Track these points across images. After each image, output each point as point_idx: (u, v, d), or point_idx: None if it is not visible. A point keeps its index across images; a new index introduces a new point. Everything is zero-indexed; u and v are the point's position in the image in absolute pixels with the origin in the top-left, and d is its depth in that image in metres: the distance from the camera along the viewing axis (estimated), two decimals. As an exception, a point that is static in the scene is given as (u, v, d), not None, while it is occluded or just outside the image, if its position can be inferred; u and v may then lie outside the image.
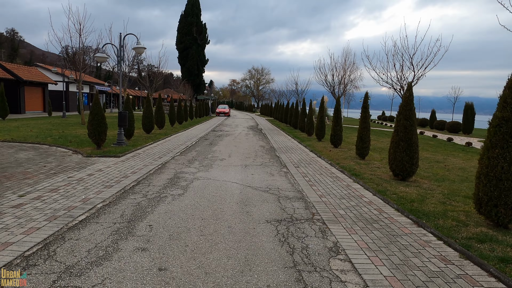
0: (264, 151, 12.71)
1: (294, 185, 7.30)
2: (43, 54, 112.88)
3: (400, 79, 18.16)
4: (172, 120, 21.42)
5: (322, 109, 16.42)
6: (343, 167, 9.44)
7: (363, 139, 10.66)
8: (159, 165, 8.91)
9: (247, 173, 8.28)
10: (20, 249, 3.64)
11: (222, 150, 12.37)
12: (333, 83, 29.62)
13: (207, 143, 14.42)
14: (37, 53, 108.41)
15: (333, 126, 13.62)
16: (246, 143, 15.01)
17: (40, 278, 3.10)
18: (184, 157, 10.47)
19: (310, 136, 18.55)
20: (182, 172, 8.14)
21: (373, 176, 8.27)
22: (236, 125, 27.55)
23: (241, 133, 19.83)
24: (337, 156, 11.39)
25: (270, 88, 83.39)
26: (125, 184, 6.66)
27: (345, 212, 5.51)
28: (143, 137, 14.79)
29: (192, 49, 62.35)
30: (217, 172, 8.31)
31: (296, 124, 24.39)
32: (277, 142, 15.82)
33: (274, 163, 10.12)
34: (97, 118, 10.46)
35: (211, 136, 17.55)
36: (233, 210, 5.30)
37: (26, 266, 3.32)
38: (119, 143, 11.64)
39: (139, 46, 11.35)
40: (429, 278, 3.42)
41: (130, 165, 8.69)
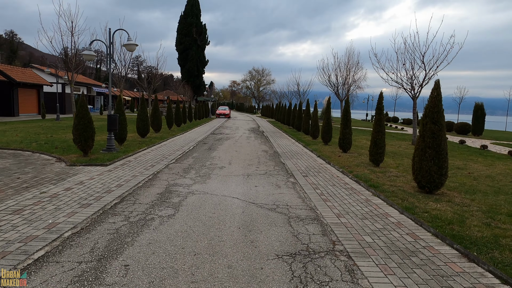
0: (268, 156, 11.67)
1: (305, 201, 6.26)
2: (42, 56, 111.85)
3: (410, 79, 17.18)
4: (169, 122, 20.40)
5: (328, 111, 15.36)
6: (357, 176, 8.40)
7: (377, 144, 9.62)
8: (150, 175, 7.87)
9: (250, 185, 7.24)
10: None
11: (221, 156, 11.33)
12: (337, 84, 28.65)
13: (206, 147, 13.38)
14: (36, 55, 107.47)
15: (341, 129, 12.58)
16: (247, 147, 13.98)
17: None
18: (180, 165, 9.43)
19: (315, 139, 17.51)
20: (176, 184, 7.10)
21: (394, 187, 7.22)
22: (236, 127, 26.53)
23: (242, 136, 18.80)
24: (348, 163, 10.35)
25: (271, 89, 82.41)
26: (106, 201, 5.62)
27: (372, 239, 4.47)
28: (137, 141, 13.76)
29: (192, 50, 61.42)
30: (216, 184, 7.27)
31: (299, 126, 23.36)
32: (280, 146, 14.78)
33: (279, 171, 9.08)
34: (83, 122, 9.44)
35: (210, 139, 16.52)
36: (234, 239, 4.26)
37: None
38: (108, 149, 10.62)
39: (130, 42, 10.33)
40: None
41: (117, 175, 7.65)
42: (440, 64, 16.10)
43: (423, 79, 17.00)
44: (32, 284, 3.05)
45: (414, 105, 17.68)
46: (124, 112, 12.18)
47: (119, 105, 12.12)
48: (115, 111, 12.07)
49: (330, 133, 15.26)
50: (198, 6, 62.80)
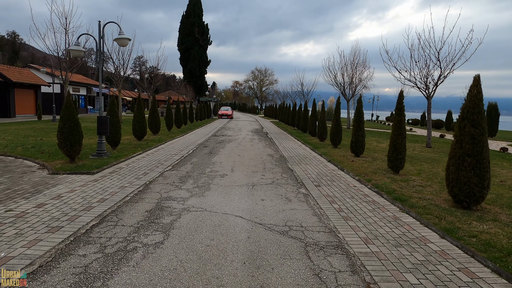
0: (274, 161, 10.65)
1: (322, 219, 5.24)
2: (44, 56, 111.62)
3: (425, 77, 16.09)
4: (169, 124, 19.42)
5: (337, 112, 14.33)
6: (377, 186, 7.36)
7: (397, 148, 8.58)
8: (141, 186, 6.87)
9: (256, 198, 6.23)
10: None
11: (223, 161, 10.32)
12: (343, 83, 27.57)
13: (206, 151, 12.38)
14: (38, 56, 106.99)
15: (354, 131, 11.54)
16: (251, 151, 12.96)
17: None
18: (176, 172, 8.44)
19: (323, 142, 16.48)
20: (169, 198, 6.10)
21: (424, 201, 6.19)
22: (239, 128, 25.52)
23: (245, 138, 17.79)
24: (363, 169, 9.32)
25: (273, 89, 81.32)
26: (81, 223, 4.62)
27: (416, 278, 3.44)
28: (132, 145, 12.78)
29: (194, 50, 60.49)
30: (216, 197, 6.26)
31: (305, 127, 22.33)
32: (286, 149, 13.76)
33: (288, 179, 8.07)
34: (69, 125, 8.47)
35: (211, 142, 15.52)
36: (238, 282, 3.24)
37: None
38: (99, 154, 9.64)
39: (122, 37, 9.34)
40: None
41: (103, 186, 6.66)
42: (457, 61, 15.08)
43: (438, 77, 15.96)
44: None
45: (429, 105, 16.60)
46: (117, 113, 11.22)
47: (111, 105, 11.15)
48: (108, 112, 11.11)
49: (340, 135, 14.22)
50: (200, 5, 61.88)
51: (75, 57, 9.06)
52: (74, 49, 9.28)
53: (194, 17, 60.65)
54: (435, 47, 15.20)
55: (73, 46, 9.33)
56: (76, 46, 9.33)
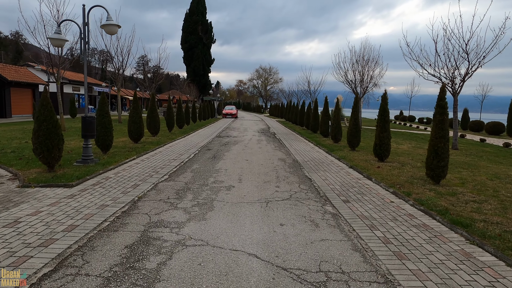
0: (287, 167, 9.22)
1: (367, 257, 3.80)
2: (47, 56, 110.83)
3: (452, 71, 14.54)
4: (169, 124, 18.03)
5: (356, 110, 12.85)
6: (421, 202, 5.90)
7: (439, 154, 7.10)
8: (127, 204, 5.48)
9: (273, 222, 4.81)
10: None
11: (229, 168, 8.91)
12: (354, 80, 26.01)
13: (210, 155, 10.97)
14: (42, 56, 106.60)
15: (378, 132, 10.07)
16: (260, 154, 11.53)
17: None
18: (173, 183, 7.03)
19: (337, 143, 15.00)
20: (160, 223, 4.69)
21: (493, 226, 4.71)
22: (244, 128, 24.09)
23: (252, 140, 16.36)
24: (394, 178, 7.85)
25: (278, 88, 79.73)
26: (29, 270, 3.22)
27: None
28: (127, 148, 11.41)
29: (197, 49, 59.17)
30: (221, 220, 4.85)
31: (315, 127, 20.85)
32: (299, 153, 12.31)
33: (308, 192, 6.63)
34: (45, 127, 7.10)
35: (215, 144, 14.10)
36: None
37: None
38: (84, 160, 8.28)
39: (110, 23, 7.94)
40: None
41: (78, 206, 5.28)
42: (488, 53, 13.52)
43: (465, 72, 14.40)
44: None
45: (455, 103, 15.04)
46: (108, 112, 9.84)
47: (102, 104, 9.79)
48: (98, 111, 9.74)
49: (359, 137, 12.73)
50: (204, 3, 60.52)
51: (55, 46, 7.67)
52: (54, 37, 7.91)
53: (198, 15, 59.31)
54: (463, 38, 13.65)
55: (53, 35, 7.95)
56: (57, 35, 7.96)
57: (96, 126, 9.60)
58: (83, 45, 8.08)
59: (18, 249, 3.67)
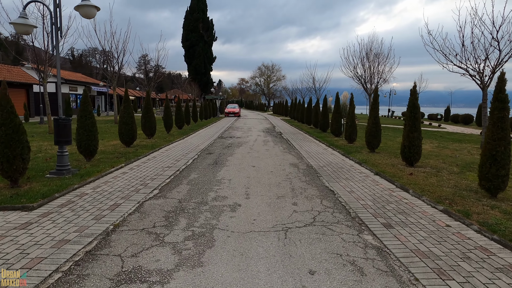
0: (301, 175, 7.76)
1: None
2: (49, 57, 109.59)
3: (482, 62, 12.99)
4: (167, 125, 16.58)
5: (375, 107, 11.36)
6: (490, 227, 4.43)
7: (498, 160, 5.61)
8: (96, 238, 4.03)
9: (298, 271, 3.35)
10: None
11: (233, 177, 7.45)
12: (364, 76, 24.42)
13: (210, 161, 9.53)
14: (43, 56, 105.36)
15: (407, 132, 8.58)
16: (268, 158, 10.08)
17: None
18: (163, 201, 5.59)
19: (352, 144, 13.52)
20: (135, 274, 3.23)
21: None
22: (248, 128, 22.63)
23: (257, 141, 14.90)
24: (436, 189, 6.37)
25: (281, 86, 78.10)
26: None
27: None
28: (116, 153, 9.99)
29: (198, 47, 57.68)
30: (224, 268, 3.39)
31: (324, 125, 19.36)
32: (311, 156, 10.84)
33: (335, 212, 5.17)
34: (3, 133, 5.68)
35: (217, 147, 12.66)
36: None
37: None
38: (59, 171, 6.85)
39: (85, 3, 6.49)
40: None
41: (29, 242, 3.84)
42: (524, 41, 11.93)
43: (495, 63, 12.85)
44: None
45: (485, 97, 13.43)
46: (91, 112, 8.40)
47: (84, 104, 8.35)
48: (80, 112, 8.32)
49: (379, 137, 11.24)
50: (205, 1, 58.97)
51: (21, 33, 6.24)
52: (18, 22, 6.47)
53: (199, 12, 57.80)
54: (494, 25, 12.08)
55: (18, 19, 6.51)
56: (22, 19, 6.52)
57: (78, 129, 8.23)
58: (55, 32, 6.64)
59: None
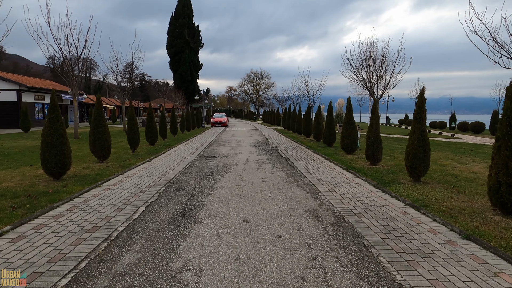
0: (335, 245, 4.12)
1: None
2: (27, 65, 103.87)
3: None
4: (133, 141, 12.70)
5: (421, 116, 7.86)
6: None
7: None
8: None
9: None
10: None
11: (206, 262, 3.76)
12: (370, 79, 21.12)
13: (174, 210, 5.81)
14: (21, 64, 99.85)
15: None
16: (267, 198, 6.42)
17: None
18: None
19: (376, 165, 10.00)
20: None
21: None
22: (237, 141, 18.92)
23: (249, 161, 11.25)
24: None
25: (271, 93, 74.72)
26: None
27: None
28: (20, 195, 6.17)
29: (184, 53, 54.07)
30: None
31: (330, 139, 15.83)
32: (331, 189, 7.21)
33: None
34: None
35: (192, 175, 8.94)
36: None
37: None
38: None
39: None
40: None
41: None
42: None
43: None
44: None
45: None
46: None
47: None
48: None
49: (428, 161, 7.72)
50: (190, 6, 55.62)
51: None
52: None
53: (184, 18, 54.31)
54: None
55: None
56: None
57: None
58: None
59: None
